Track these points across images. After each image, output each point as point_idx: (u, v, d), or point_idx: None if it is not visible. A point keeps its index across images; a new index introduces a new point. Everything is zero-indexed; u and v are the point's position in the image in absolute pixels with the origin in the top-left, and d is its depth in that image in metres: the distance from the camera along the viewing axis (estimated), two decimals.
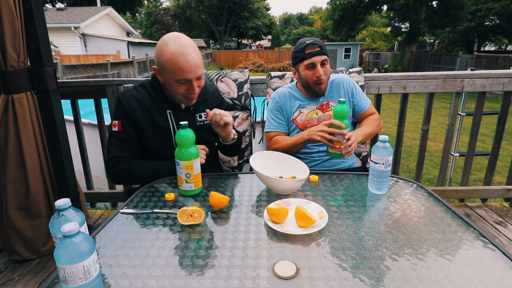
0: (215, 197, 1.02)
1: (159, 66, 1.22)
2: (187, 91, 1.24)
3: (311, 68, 1.50)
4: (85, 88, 2.12)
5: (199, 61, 1.20)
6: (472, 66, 12.90)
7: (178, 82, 1.21)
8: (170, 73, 1.19)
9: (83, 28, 15.77)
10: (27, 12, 1.53)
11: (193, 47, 1.19)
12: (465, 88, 2.02)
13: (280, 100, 1.64)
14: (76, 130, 2.20)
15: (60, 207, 0.76)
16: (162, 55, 1.18)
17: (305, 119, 1.60)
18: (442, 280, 0.71)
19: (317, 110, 1.60)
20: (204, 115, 1.40)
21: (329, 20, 24.99)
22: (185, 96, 1.26)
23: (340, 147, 1.32)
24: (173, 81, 1.21)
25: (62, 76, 9.45)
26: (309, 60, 1.49)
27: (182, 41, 1.17)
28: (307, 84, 1.55)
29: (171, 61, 1.16)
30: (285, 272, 0.74)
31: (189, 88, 1.23)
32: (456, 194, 2.26)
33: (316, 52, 1.48)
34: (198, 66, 1.20)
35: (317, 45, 1.48)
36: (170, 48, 1.16)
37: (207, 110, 1.27)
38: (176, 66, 1.16)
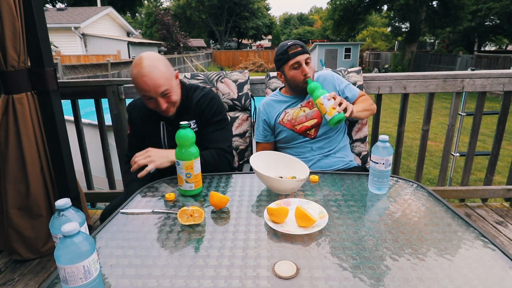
0: (215, 197, 1.02)
1: None
2: (155, 107, 1.35)
3: (296, 68, 1.52)
4: (86, 88, 2.12)
5: (159, 80, 1.28)
6: (472, 66, 12.89)
7: (145, 98, 1.33)
8: (138, 91, 1.33)
9: (83, 28, 15.78)
10: (28, 12, 1.54)
11: (154, 67, 1.28)
12: (465, 88, 2.01)
13: (266, 111, 1.67)
14: (76, 130, 2.20)
15: (60, 207, 0.76)
16: (131, 76, 1.32)
17: (292, 117, 1.61)
18: (442, 280, 0.71)
19: (304, 107, 1.61)
20: (193, 122, 1.46)
21: (329, 20, 24.99)
22: (157, 109, 1.36)
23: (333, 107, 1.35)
24: (143, 97, 1.34)
25: (62, 76, 9.45)
26: (293, 59, 1.51)
27: (145, 63, 1.27)
28: (295, 84, 1.56)
29: (135, 83, 1.30)
30: (285, 272, 0.74)
31: (156, 104, 1.33)
32: (456, 194, 2.26)
33: (299, 52, 1.51)
34: (158, 85, 1.28)
35: (299, 45, 1.52)
36: (133, 71, 1.29)
37: None
38: (138, 87, 1.30)
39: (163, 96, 1.32)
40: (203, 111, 1.46)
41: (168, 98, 1.33)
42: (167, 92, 1.32)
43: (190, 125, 1.44)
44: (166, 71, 1.31)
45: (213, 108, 1.48)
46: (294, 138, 1.61)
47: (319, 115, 1.56)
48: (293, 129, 1.60)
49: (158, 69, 1.29)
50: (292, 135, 1.60)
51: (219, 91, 1.83)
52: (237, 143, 1.83)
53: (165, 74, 1.30)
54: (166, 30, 23.01)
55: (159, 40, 23.54)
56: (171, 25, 23.11)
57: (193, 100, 1.46)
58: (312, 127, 1.59)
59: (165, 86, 1.30)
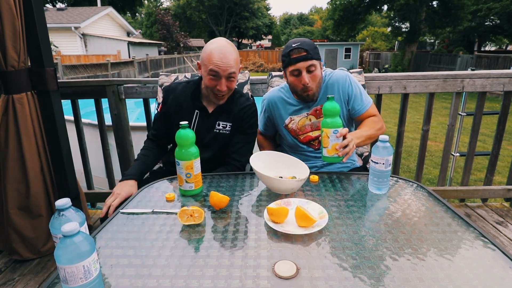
0: (215, 197, 1.02)
1: (201, 60, 1.35)
2: (215, 86, 1.33)
3: (297, 75, 1.39)
4: (86, 88, 2.12)
5: (232, 63, 1.31)
6: (472, 66, 12.89)
7: (209, 74, 1.31)
8: (205, 63, 1.32)
9: (83, 28, 15.78)
10: (28, 12, 1.53)
11: (231, 49, 1.32)
12: (465, 88, 2.01)
13: (271, 108, 1.59)
14: (76, 130, 2.20)
15: (60, 207, 0.76)
16: (205, 50, 1.33)
17: (297, 126, 1.53)
18: (442, 280, 0.71)
19: (310, 116, 1.51)
20: (223, 124, 1.45)
21: (329, 20, 25.00)
22: (214, 92, 1.36)
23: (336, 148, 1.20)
24: (206, 73, 1.33)
25: (62, 76, 9.45)
26: (294, 66, 1.37)
27: (224, 42, 1.33)
28: (294, 90, 1.47)
29: (209, 55, 1.30)
30: (285, 272, 0.74)
31: (218, 84, 1.33)
32: (456, 194, 2.26)
33: (301, 58, 1.35)
34: (230, 66, 1.31)
35: (303, 49, 1.35)
36: (211, 45, 1.32)
37: None
38: (210, 60, 1.30)
39: (228, 78, 1.33)
40: (243, 119, 1.46)
41: (230, 82, 1.35)
42: (232, 76, 1.34)
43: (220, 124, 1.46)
44: (238, 58, 1.35)
45: (252, 119, 1.49)
46: (297, 146, 1.56)
47: None
48: (297, 138, 1.54)
49: (235, 52, 1.34)
50: (295, 143, 1.56)
51: None
52: None
53: (237, 60, 1.35)
54: (166, 30, 23.03)
55: (159, 40, 23.55)
56: (171, 25, 23.12)
57: (238, 105, 1.45)
58: (317, 138, 1.52)
59: (234, 69, 1.32)
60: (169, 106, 1.48)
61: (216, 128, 1.45)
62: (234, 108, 1.45)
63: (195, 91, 1.45)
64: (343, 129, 1.20)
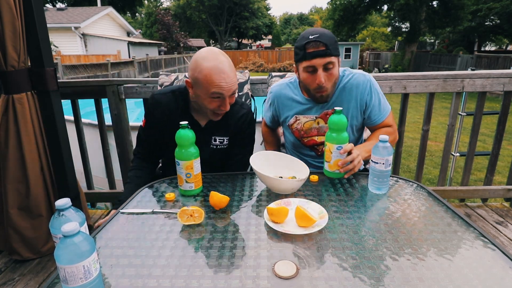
0: (215, 197, 1.02)
1: (194, 80, 1.19)
2: (218, 107, 1.21)
3: (311, 72, 1.24)
4: (86, 88, 2.12)
5: (234, 79, 1.19)
6: (472, 66, 12.89)
7: (212, 98, 1.19)
8: (205, 87, 1.16)
9: (83, 28, 15.78)
10: (28, 12, 1.53)
11: (229, 64, 1.18)
12: (465, 88, 2.01)
13: (277, 102, 1.47)
14: (76, 130, 2.20)
15: (60, 207, 0.76)
16: (199, 71, 1.16)
17: (301, 128, 1.41)
18: (442, 280, 0.71)
19: (319, 119, 1.38)
20: (220, 140, 1.37)
21: (329, 20, 24.96)
22: (215, 111, 1.23)
23: (338, 164, 1.15)
24: (206, 96, 1.18)
25: (62, 76, 9.45)
26: (309, 62, 1.21)
27: (220, 58, 1.16)
28: (306, 88, 1.32)
29: (208, 77, 1.14)
30: (285, 272, 0.74)
31: (221, 104, 1.21)
32: (456, 194, 2.26)
33: (319, 53, 1.19)
34: (233, 83, 1.18)
35: (322, 43, 1.18)
36: (207, 64, 1.14)
37: None
38: (212, 82, 1.15)
39: (231, 96, 1.21)
40: (241, 130, 1.37)
41: (232, 99, 1.23)
42: (235, 91, 1.22)
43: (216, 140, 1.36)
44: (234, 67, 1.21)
45: (251, 130, 1.42)
46: (299, 147, 1.49)
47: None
48: (300, 140, 1.45)
49: (233, 67, 1.20)
50: (298, 144, 1.48)
51: None
52: None
53: (235, 71, 1.21)
54: (166, 30, 23.04)
55: (159, 40, 23.55)
56: (171, 25, 23.13)
57: (234, 116, 1.34)
58: (322, 144, 1.42)
59: (236, 85, 1.21)
60: (156, 121, 1.34)
61: (212, 144, 1.36)
62: (230, 121, 1.34)
63: (183, 103, 1.32)
64: (347, 145, 1.14)
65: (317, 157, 1.49)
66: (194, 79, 1.19)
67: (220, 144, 1.37)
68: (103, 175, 2.38)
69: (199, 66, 1.16)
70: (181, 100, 1.32)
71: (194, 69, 1.18)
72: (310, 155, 1.50)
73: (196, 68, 1.17)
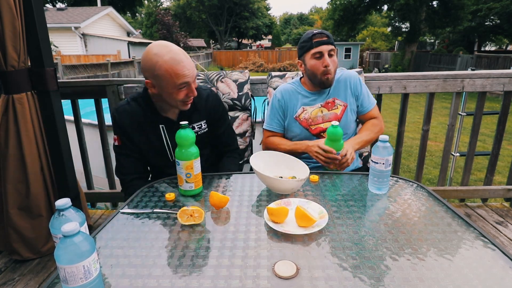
0: (215, 197, 1.02)
1: (154, 78, 1.19)
2: (187, 95, 1.23)
3: (318, 58, 1.46)
4: (86, 88, 2.12)
5: (192, 63, 1.22)
6: (472, 66, 12.89)
7: (179, 89, 1.20)
8: (170, 81, 1.17)
9: (83, 28, 15.78)
10: (28, 12, 1.53)
11: (182, 51, 1.20)
12: (465, 88, 2.01)
13: (284, 97, 1.59)
14: (76, 130, 2.20)
15: (60, 207, 0.76)
16: (158, 67, 1.16)
17: (309, 117, 1.56)
18: (442, 280, 0.71)
19: (322, 108, 1.56)
20: (198, 125, 1.38)
21: (329, 20, 24.97)
22: (184, 100, 1.25)
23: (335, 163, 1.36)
24: (174, 89, 1.20)
25: (62, 76, 9.45)
26: (316, 48, 1.45)
27: (172, 49, 1.17)
28: (314, 75, 1.50)
29: (170, 71, 1.15)
30: (285, 272, 0.74)
31: (189, 91, 1.23)
32: (456, 194, 2.26)
33: (324, 41, 1.45)
34: (193, 68, 1.21)
35: (325, 35, 1.46)
36: (164, 58, 1.15)
37: None
38: (175, 73, 1.16)
39: (194, 81, 1.24)
40: (214, 110, 1.42)
41: (195, 83, 1.25)
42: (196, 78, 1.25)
43: (195, 127, 1.38)
44: None
45: (221, 105, 1.47)
46: (307, 138, 1.55)
47: (336, 117, 1.54)
48: (308, 128, 1.56)
49: (186, 53, 1.22)
50: (306, 134, 1.57)
51: (219, 91, 1.83)
52: None
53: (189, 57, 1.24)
54: (166, 30, 23.03)
55: (159, 40, 23.51)
56: (171, 25, 23.13)
57: (200, 99, 1.37)
58: None
59: (195, 69, 1.24)
60: (128, 131, 1.32)
61: None
62: (199, 105, 1.37)
63: (148, 106, 1.32)
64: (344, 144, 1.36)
65: None
66: (154, 77, 1.19)
67: (200, 129, 1.39)
68: (103, 175, 2.38)
69: (156, 63, 1.16)
70: (145, 104, 1.32)
71: (151, 68, 1.17)
72: None
73: (154, 66, 1.16)
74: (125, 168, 1.37)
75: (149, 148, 1.35)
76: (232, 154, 1.54)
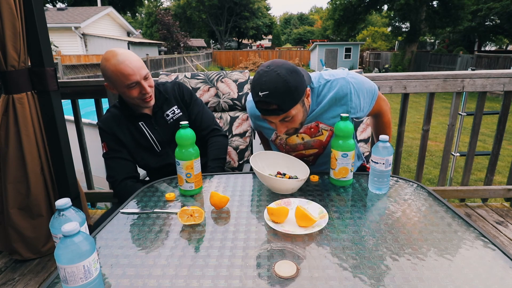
0: (215, 197, 1.02)
1: (109, 81, 1.31)
2: (140, 93, 1.33)
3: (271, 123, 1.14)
4: (86, 88, 2.12)
5: (139, 63, 1.30)
6: (472, 66, 12.88)
7: (129, 88, 1.30)
8: (119, 82, 1.28)
9: (83, 28, 15.77)
10: (28, 12, 1.53)
11: (130, 54, 1.30)
12: (465, 88, 2.01)
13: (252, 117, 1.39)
14: (76, 130, 2.20)
15: (60, 207, 0.76)
16: (107, 70, 1.28)
17: (285, 143, 1.31)
18: (443, 279, 0.71)
19: (302, 134, 1.28)
20: (171, 112, 1.48)
21: (329, 20, 24.99)
22: (141, 98, 1.34)
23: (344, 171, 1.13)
24: (125, 88, 1.30)
25: (62, 76, 9.46)
26: (264, 116, 1.11)
27: (118, 52, 1.28)
28: None
29: (116, 71, 1.26)
30: (286, 272, 0.74)
31: (141, 89, 1.32)
32: (456, 194, 2.26)
33: (271, 112, 1.05)
34: (140, 67, 1.30)
35: (273, 103, 1.02)
36: (110, 63, 1.27)
37: None
38: (121, 73, 1.26)
39: (145, 79, 1.33)
40: (181, 94, 1.52)
41: (149, 81, 1.35)
42: (147, 76, 1.34)
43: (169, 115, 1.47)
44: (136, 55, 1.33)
45: (187, 89, 1.55)
46: None
47: (321, 145, 1.28)
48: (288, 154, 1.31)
49: (133, 54, 1.32)
50: None
51: (219, 91, 1.83)
52: (237, 143, 1.83)
53: (139, 58, 1.33)
54: (166, 30, 23.02)
55: (160, 40, 23.54)
56: (172, 25, 23.11)
57: (167, 90, 1.50)
58: (312, 155, 1.35)
59: (145, 69, 1.32)
60: (118, 137, 1.40)
61: (168, 120, 1.47)
62: (167, 95, 1.48)
63: (125, 109, 1.42)
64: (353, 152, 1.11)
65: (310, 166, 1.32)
66: (108, 79, 1.31)
67: (174, 114, 1.48)
68: (103, 175, 2.38)
69: (105, 67, 1.28)
70: (122, 106, 1.43)
71: (104, 72, 1.30)
72: None
73: (105, 70, 1.29)
74: (114, 170, 1.41)
75: (136, 145, 1.44)
76: (214, 137, 1.57)
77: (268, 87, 1.00)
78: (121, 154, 1.42)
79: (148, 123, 1.45)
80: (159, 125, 1.46)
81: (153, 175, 1.53)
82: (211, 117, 1.60)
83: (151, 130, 1.45)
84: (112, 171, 1.41)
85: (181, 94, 1.52)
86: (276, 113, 1.05)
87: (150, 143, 1.45)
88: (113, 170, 1.41)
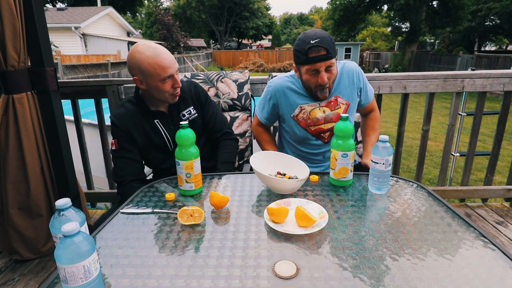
0: (215, 197, 1.02)
1: (141, 74, 1.28)
2: (172, 87, 1.33)
3: (313, 74, 1.33)
4: (86, 88, 2.12)
5: (172, 57, 1.31)
6: (472, 66, 12.88)
7: (164, 81, 1.29)
8: (155, 75, 1.26)
9: (83, 28, 15.78)
10: (28, 12, 1.53)
11: (162, 47, 1.30)
12: (465, 88, 2.01)
13: (277, 97, 1.50)
14: (76, 130, 2.20)
15: (60, 207, 0.76)
16: (142, 62, 1.25)
17: (307, 117, 1.46)
18: (443, 279, 0.71)
19: (324, 107, 1.45)
20: (187, 112, 1.47)
21: (329, 20, 24.97)
22: (172, 93, 1.34)
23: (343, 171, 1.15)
24: (158, 82, 1.28)
25: (62, 76, 9.45)
26: (311, 66, 1.30)
27: (152, 45, 1.27)
28: (308, 87, 1.41)
29: (153, 64, 1.25)
30: (285, 272, 0.74)
31: (174, 82, 1.32)
32: (456, 194, 2.26)
33: (321, 57, 1.26)
34: (174, 61, 1.31)
35: (323, 48, 1.25)
36: (146, 54, 1.25)
37: None
38: (159, 66, 1.25)
39: (177, 73, 1.33)
40: (197, 94, 1.51)
41: (178, 75, 1.35)
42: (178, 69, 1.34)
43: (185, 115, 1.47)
44: None
45: (203, 91, 1.55)
46: (306, 138, 1.52)
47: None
48: (307, 129, 1.49)
49: (164, 48, 1.31)
50: (305, 135, 1.51)
51: (219, 91, 1.83)
52: None
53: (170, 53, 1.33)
54: (166, 30, 23.00)
55: (160, 40, 23.52)
56: (171, 25, 23.10)
57: (184, 89, 1.46)
58: (328, 131, 1.49)
59: (176, 62, 1.32)
60: (132, 134, 1.38)
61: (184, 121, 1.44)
62: (184, 94, 1.46)
63: (141, 104, 1.39)
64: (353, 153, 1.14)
65: (324, 144, 1.53)
66: (141, 73, 1.28)
67: (190, 115, 1.48)
68: (103, 175, 2.38)
69: (140, 60, 1.25)
70: (138, 102, 1.40)
71: (136, 65, 1.27)
72: (318, 145, 1.53)
73: (140, 62, 1.26)
74: (124, 170, 1.38)
75: (150, 144, 1.42)
76: (226, 140, 1.57)
77: (317, 36, 1.27)
78: (131, 155, 1.39)
79: (164, 122, 1.43)
80: (174, 124, 1.44)
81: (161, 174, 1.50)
82: (224, 120, 1.60)
83: (166, 129, 1.43)
84: (121, 171, 1.38)
85: (197, 94, 1.51)
86: (324, 58, 1.27)
87: (164, 141, 1.43)
88: (122, 170, 1.38)
